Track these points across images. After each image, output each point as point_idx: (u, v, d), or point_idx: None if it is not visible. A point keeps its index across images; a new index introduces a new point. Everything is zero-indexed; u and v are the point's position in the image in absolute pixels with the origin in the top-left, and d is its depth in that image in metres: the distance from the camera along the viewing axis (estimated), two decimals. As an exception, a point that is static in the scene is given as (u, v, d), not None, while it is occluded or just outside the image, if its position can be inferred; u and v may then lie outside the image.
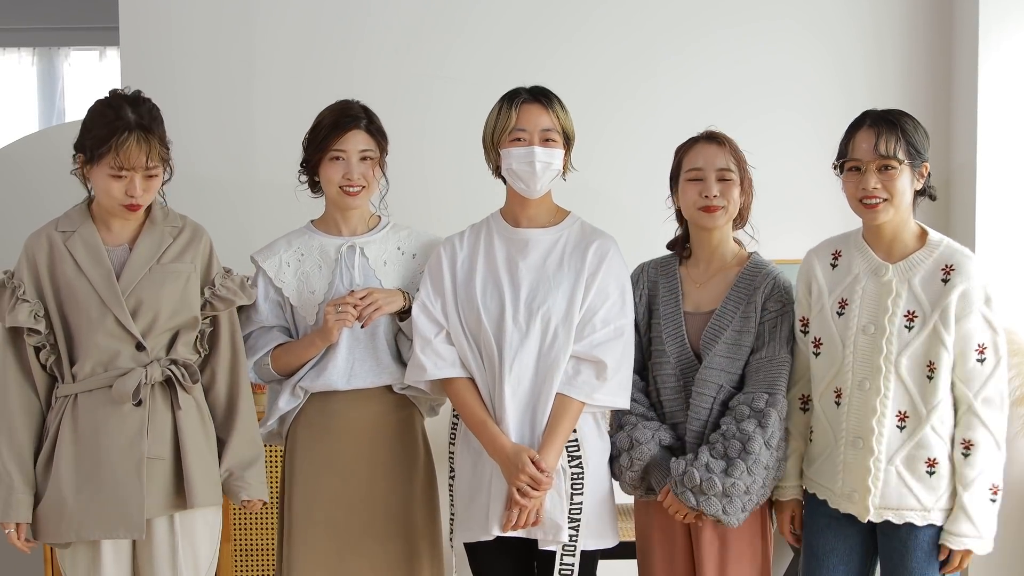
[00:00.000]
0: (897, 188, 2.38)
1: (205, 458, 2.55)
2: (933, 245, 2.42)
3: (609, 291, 2.55)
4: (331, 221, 2.72)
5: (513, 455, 2.46)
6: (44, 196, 3.26)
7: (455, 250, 2.63)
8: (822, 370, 2.50)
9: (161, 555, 2.49)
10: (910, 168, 2.39)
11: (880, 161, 2.38)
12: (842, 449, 2.44)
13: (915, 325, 2.37)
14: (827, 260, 2.54)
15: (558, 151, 2.55)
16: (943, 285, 2.36)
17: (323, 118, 2.64)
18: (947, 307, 2.35)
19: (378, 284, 2.65)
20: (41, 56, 6.20)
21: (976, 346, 2.36)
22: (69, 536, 2.44)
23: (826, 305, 2.49)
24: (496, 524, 2.49)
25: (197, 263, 2.56)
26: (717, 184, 2.54)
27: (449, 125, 3.66)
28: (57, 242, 2.49)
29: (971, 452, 2.36)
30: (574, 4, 3.70)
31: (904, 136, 2.38)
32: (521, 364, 2.50)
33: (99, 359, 2.46)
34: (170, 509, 2.50)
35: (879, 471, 2.39)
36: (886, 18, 3.74)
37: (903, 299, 2.39)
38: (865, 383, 2.41)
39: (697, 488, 2.44)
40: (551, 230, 2.60)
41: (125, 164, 2.39)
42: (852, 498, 2.43)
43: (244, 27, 3.64)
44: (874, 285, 2.43)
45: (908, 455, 2.39)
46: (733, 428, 2.46)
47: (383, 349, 2.65)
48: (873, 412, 2.39)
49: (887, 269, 2.42)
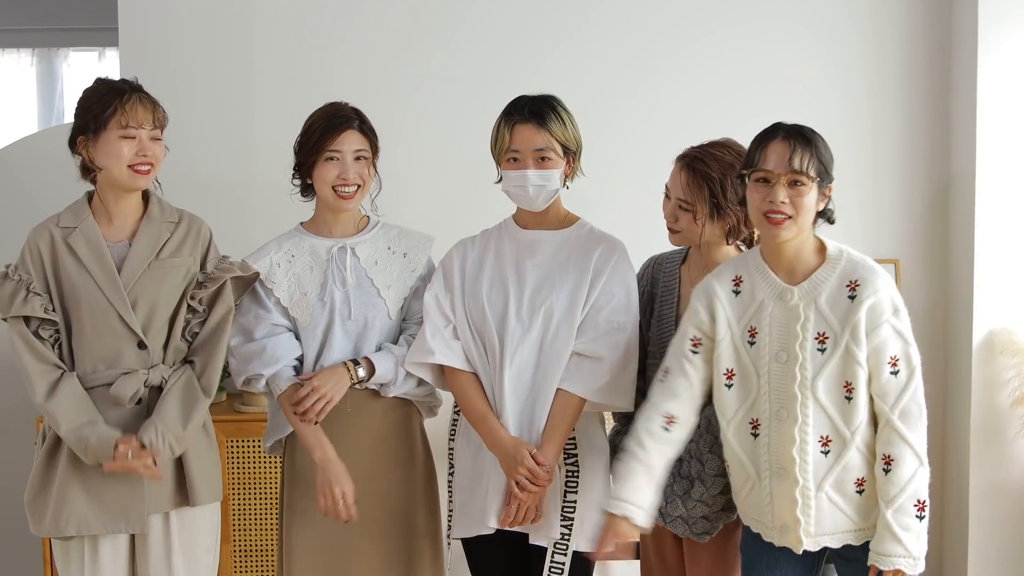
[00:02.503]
0: (804, 205, 2.26)
1: (205, 456, 2.58)
2: (834, 260, 2.31)
3: (614, 291, 2.55)
4: (321, 223, 2.72)
5: (512, 449, 2.46)
6: (43, 197, 3.25)
7: (466, 250, 2.65)
8: (735, 401, 2.37)
9: (156, 551, 2.52)
10: (817, 187, 2.28)
11: (791, 176, 2.26)
12: (767, 481, 2.33)
13: (827, 347, 2.27)
14: (728, 287, 2.39)
15: (554, 171, 2.53)
16: (850, 302, 2.26)
17: (315, 120, 2.64)
18: (856, 324, 2.25)
19: (370, 284, 2.66)
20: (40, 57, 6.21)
21: (888, 359, 2.25)
22: (70, 530, 2.46)
23: (735, 334, 2.37)
24: (494, 517, 2.50)
25: (196, 255, 2.57)
26: (680, 212, 2.54)
27: (448, 125, 3.66)
28: (58, 238, 2.50)
29: (891, 468, 2.24)
30: (573, 4, 3.69)
31: (816, 154, 2.28)
32: (522, 358, 2.50)
33: (101, 356, 2.48)
34: (170, 506, 2.52)
35: (809, 499, 2.28)
36: (885, 18, 3.74)
37: (811, 322, 2.28)
38: (782, 412, 2.29)
39: (664, 509, 2.48)
40: (560, 232, 2.61)
41: (132, 121, 2.44)
42: (784, 530, 2.33)
43: (243, 27, 3.64)
44: (781, 311, 2.31)
45: (837, 479, 2.29)
46: (694, 446, 2.47)
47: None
48: (792, 442, 2.28)
49: (792, 293, 2.31)
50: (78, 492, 2.46)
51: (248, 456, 3.38)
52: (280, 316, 2.66)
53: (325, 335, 2.64)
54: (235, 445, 3.37)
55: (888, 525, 2.23)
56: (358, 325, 2.64)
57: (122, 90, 2.48)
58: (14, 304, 2.45)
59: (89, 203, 2.55)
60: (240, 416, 3.40)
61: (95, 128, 2.46)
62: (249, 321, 2.66)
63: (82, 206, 2.55)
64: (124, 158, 2.46)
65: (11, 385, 3.72)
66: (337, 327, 2.63)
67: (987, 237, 3.57)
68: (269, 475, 3.38)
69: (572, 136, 2.56)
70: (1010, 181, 3.58)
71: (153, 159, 2.49)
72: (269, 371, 2.59)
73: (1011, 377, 3.51)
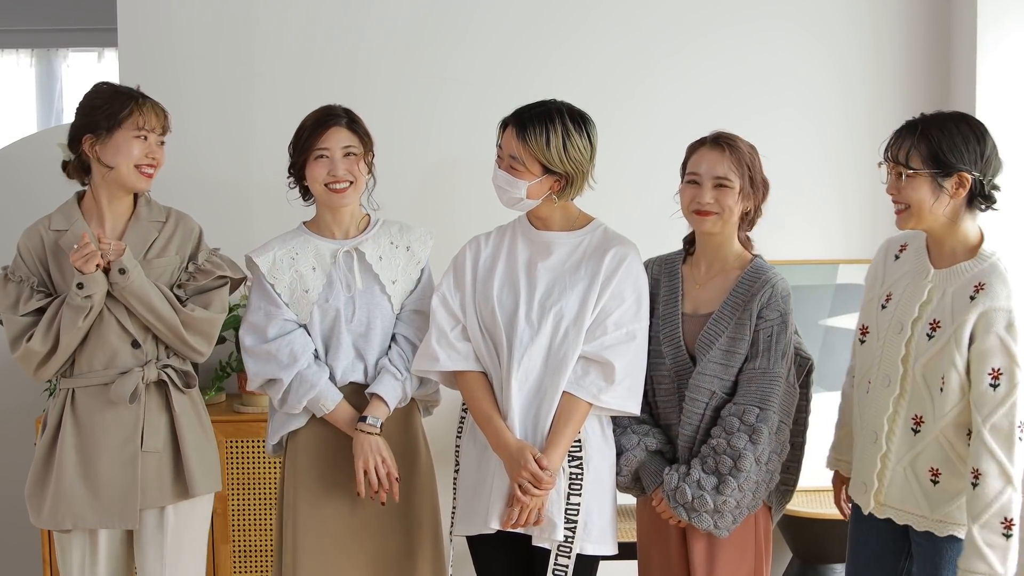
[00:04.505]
0: (910, 197, 2.34)
1: (202, 448, 2.62)
2: (982, 259, 2.36)
3: (625, 296, 2.54)
4: (323, 223, 2.73)
5: (516, 451, 2.46)
6: (42, 197, 3.25)
7: (480, 248, 2.65)
8: (863, 358, 2.51)
9: (152, 544, 2.57)
10: (932, 179, 2.32)
11: (897, 168, 2.36)
12: (860, 440, 2.48)
13: (936, 335, 2.33)
14: (894, 251, 2.54)
15: (520, 181, 2.50)
16: (969, 301, 2.30)
17: (305, 122, 2.68)
18: (963, 324, 2.28)
19: (375, 282, 2.67)
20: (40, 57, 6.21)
21: (990, 369, 2.26)
22: (67, 524, 2.52)
23: (876, 294, 2.50)
24: (496, 518, 2.50)
25: (184, 253, 2.61)
26: (712, 191, 2.51)
27: (448, 125, 3.66)
28: (50, 240, 2.54)
29: (979, 482, 2.25)
30: (573, 4, 3.69)
31: (927, 144, 2.34)
32: (530, 360, 2.50)
33: (97, 356, 2.53)
34: (167, 499, 2.56)
35: (887, 468, 2.39)
36: (884, 17, 3.74)
37: (932, 305, 2.35)
38: (887, 379, 2.40)
39: (689, 504, 2.45)
40: (574, 234, 2.60)
41: (147, 124, 2.53)
42: (860, 489, 2.46)
43: (243, 27, 3.64)
44: (913, 287, 2.41)
45: (915, 459, 2.37)
46: (723, 443, 2.45)
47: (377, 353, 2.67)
48: (885, 410, 2.39)
49: (928, 273, 2.39)
50: (75, 486, 2.51)
51: (248, 456, 3.38)
52: (288, 310, 2.66)
53: (329, 338, 2.65)
54: (235, 445, 3.37)
55: (973, 541, 2.25)
56: (361, 326, 2.65)
57: (136, 94, 2.56)
58: (19, 303, 2.49)
59: (79, 204, 2.58)
60: (240, 416, 3.40)
61: (108, 127, 2.50)
62: (260, 319, 2.65)
63: (72, 207, 2.58)
64: (134, 157, 2.51)
65: (11, 385, 3.73)
66: (343, 328, 2.63)
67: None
68: (268, 475, 3.38)
69: (558, 159, 2.49)
70: (1009, 180, 3.57)
71: (157, 163, 2.56)
72: (287, 374, 2.59)
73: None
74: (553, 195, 2.55)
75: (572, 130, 2.50)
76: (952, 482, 2.34)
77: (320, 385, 2.59)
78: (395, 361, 2.64)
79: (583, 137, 2.52)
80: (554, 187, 2.54)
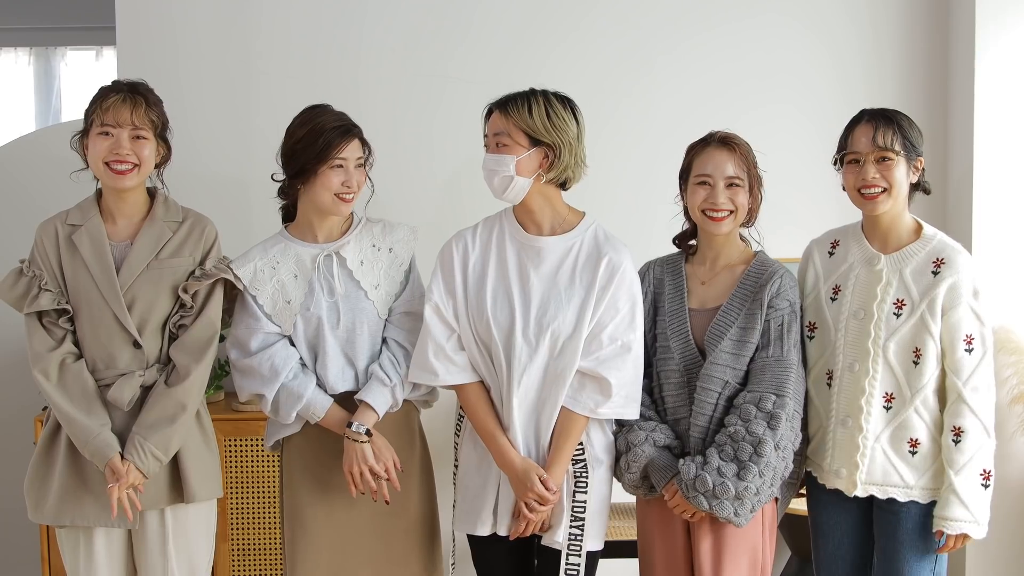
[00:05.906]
0: (895, 178, 2.49)
1: (201, 454, 2.60)
2: (927, 239, 2.52)
3: (619, 306, 2.53)
4: (307, 228, 2.69)
5: (522, 473, 2.49)
6: (40, 196, 3.25)
7: (467, 247, 2.61)
8: (815, 353, 2.61)
9: (153, 545, 2.56)
10: (906, 160, 2.50)
11: (878, 152, 2.49)
12: (831, 428, 2.56)
13: (903, 313, 2.49)
14: (825, 249, 2.66)
15: (506, 156, 2.48)
16: (933, 277, 2.47)
17: (319, 128, 2.58)
18: (935, 298, 2.46)
19: (356, 288, 2.65)
20: (38, 56, 6.20)
21: (964, 336, 2.46)
22: (64, 520, 2.52)
23: (821, 291, 2.61)
24: (504, 528, 2.54)
25: (197, 255, 2.58)
26: (725, 191, 2.54)
27: (447, 124, 3.66)
28: (63, 235, 2.53)
29: (961, 438, 2.45)
30: (571, 2, 3.69)
31: (900, 131, 2.50)
32: (529, 378, 2.51)
33: (99, 355, 2.51)
34: (165, 503, 2.55)
35: (866, 448, 2.50)
36: (883, 14, 3.74)
37: (893, 287, 2.50)
38: (855, 365, 2.52)
39: (710, 492, 2.45)
40: (565, 237, 2.57)
41: (108, 119, 2.47)
42: (839, 474, 2.54)
43: (242, 26, 3.64)
44: (866, 273, 2.54)
45: (892, 435, 2.50)
46: (742, 430, 2.46)
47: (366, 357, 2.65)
48: (862, 392, 2.50)
49: (879, 259, 2.54)
50: (74, 484, 2.51)
51: (247, 455, 3.38)
52: (269, 323, 2.64)
53: (315, 346, 2.63)
54: (233, 444, 3.37)
55: (955, 490, 2.44)
56: (347, 331, 2.63)
57: (109, 91, 2.51)
58: (26, 301, 2.50)
59: (98, 201, 2.58)
60: (239, 415, 3.40)
61: (87, 127, 2.51)
62: (242, 333, 2.64)
63: (91, 204, 2.58)
64: (100, 155, 2.48)
65: (11, 385, 3.74)
66: (328, 335, 2.61)
67: (985, 235, 3.57)
68: (268, 474, 3.38)
69: (541, 126, 2.48)
70: (1008, 178, 3.58)
71: (134, 158, 2.49)
72: (270, 389, 2.58)
73: (1009, 375, 3.51)
74: (543, 173, 2.52)
75: (554, 102, 2.52)
76: (932, 448, 2.49)
77: (307, 395, 2.57)
78: (385, 367, 2.61)
79: (566, 110, 2.53)
80: (543, 163, 2.51)
